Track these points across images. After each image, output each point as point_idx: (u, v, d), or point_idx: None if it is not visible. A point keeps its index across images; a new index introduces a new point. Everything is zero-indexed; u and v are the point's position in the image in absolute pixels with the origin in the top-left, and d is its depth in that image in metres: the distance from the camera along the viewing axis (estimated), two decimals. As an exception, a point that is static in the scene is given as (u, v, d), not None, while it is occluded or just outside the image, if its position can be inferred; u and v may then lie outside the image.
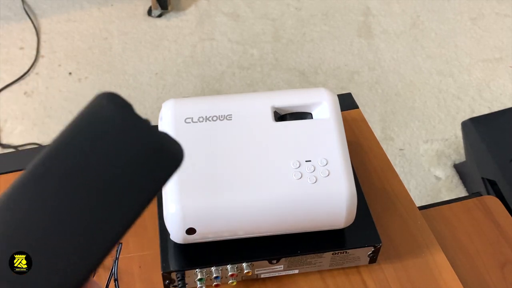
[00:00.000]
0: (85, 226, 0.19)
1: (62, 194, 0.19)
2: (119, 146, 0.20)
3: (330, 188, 0.52)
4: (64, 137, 0.19)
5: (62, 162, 0.19)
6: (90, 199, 0.19)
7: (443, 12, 1.83)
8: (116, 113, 0.20)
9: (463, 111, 1.53)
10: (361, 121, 0.71)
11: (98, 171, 0.19)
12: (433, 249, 0.59)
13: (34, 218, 0.19)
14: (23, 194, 0.20)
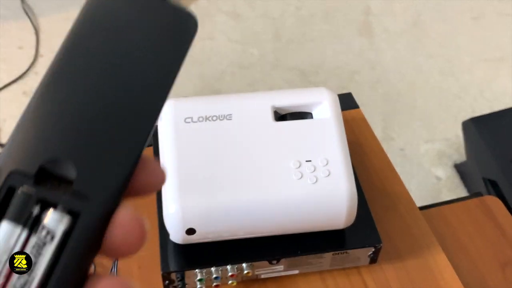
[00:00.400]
0: (120, 110, 0.19)
1: (92, 78, 0.19)
2: (137, 21, 0.19)
3: (330, 188, 0.52)
4: (79, 24, 0.19)
5: (82, 51, 0.19)
6: (125, 75, 0.19)
7: (444, 11, 1.83)
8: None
9: (464, 111, 1.52)
10: (361, 121, 0.71)
11: (120, 50, 0.19)
12: (433, 249, 0.59)
13: (67, 114, 0.18)
14: (51, 90, 0.19)
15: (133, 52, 0.19)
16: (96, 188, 0.18)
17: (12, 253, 0.17)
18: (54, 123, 0.18)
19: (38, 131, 0.18)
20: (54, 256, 0.18)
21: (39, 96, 0.19)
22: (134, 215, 0.18)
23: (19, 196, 0.18)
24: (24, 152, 0.18)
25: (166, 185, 0.53)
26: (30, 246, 0.18)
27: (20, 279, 0.17)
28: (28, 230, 0.18)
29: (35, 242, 0.18)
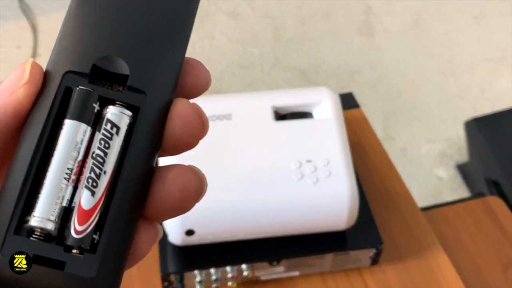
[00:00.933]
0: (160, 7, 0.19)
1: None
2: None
3: (331, 188, 0.51)
4: None
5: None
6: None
7: (445, 10, 1.82)
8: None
9: (465, 111, 1.52)
10: (362, 121, 0.70)
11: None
12: (435, 250, 0.59)
13: (111, 13, 0.19)
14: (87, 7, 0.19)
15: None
16: (151, 82, 0.18)
17: (81, 150, 0.18)
18: (100, 23, 0.18)
19: (86, 31, 0.18)
20: (122, 149, 0.18)
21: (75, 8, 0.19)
22: (191, 104, 0.19)
23: (78, 94, 0.18)
24: (75, 53, 0.18)
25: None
26: (96, 142, 0.18)
27: (93, 173, 0.17)
28: (91, 127, 0.18)
29: (102, 135, 0.18)
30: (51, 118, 0.18)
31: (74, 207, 0.17)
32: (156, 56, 0.18)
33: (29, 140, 0.17)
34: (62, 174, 0.17)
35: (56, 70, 0.18)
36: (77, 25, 0.18)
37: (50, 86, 0.18)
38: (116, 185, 0.18)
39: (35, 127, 0.17)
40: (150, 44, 0.19)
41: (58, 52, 0.18)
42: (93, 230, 0.17)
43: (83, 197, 0.17)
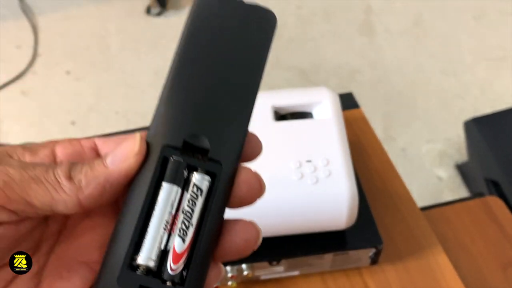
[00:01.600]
0: (233, 88, 0.25)
1: (208, 76, 0.25)
2: (232, 24, 0.26)
3: (331, 188, 0.51)
4: (190, 32, 0.25)
5: (197, 52, 0.25)
6: (230, 66, 0.25)
7: (446, 10, 1.82)
8: (216, 2, 0.26)
9: (465, 111, 1.52)
10: (362, 121, 0.70)
11: (227, 45, 0.25)
12: (435, 250, 0.59)
13: (196, 100, 0.25)
14: (178, 84, 0.25)
15: (234, 44, 0.25)
16: (225, 155, 0.24)
17: (174, 206, 0.23)
18: (189, 106, 0.24)
19: (178, 112, 0.24)
20: (203, 208, 0.24)
21: (171, 84, 0.25)
22: (254, 172, 0.25)
23: (172, 163, 0.24)
24: (170, 130, 0.24)
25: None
26: (185, 200, 0.24)
27: (183, 224, 0.23)
28: (181, 188, 0.24)
29: (190, 196, 0.24)
30: (153, 181, 0.23)
31: (169, 250, 0.23)
32: (229, 132, 0.25)
33: (137, 197, 0.23)
34: (161, 224, 0.23)
35: (156, 143, 0.24)
36: (170, 106, 0.24)
37: (152, 156, 0.24)
38: (198, 234, 0.23)
39: (142, 187, 0.23)
40: (224, 122, 0.25)
41: (157, 127, 0.24)
42: (183, 268, 0.23)
43: (176, 243, 0.23)
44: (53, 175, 0.22)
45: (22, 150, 0.24)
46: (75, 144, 0.25)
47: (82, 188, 0.22)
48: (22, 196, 0.22)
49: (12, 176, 0.22)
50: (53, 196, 0.22)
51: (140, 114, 1.52)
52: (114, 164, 0.23)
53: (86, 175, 0.23)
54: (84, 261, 0.25)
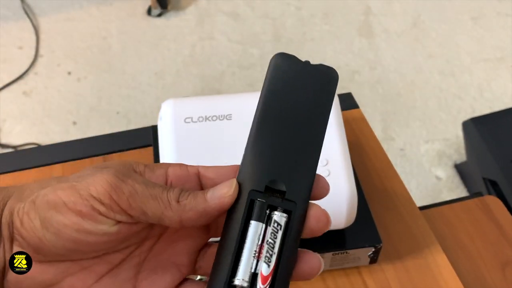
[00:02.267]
0: (304, 138, 0.31)
1: (283, 130, 0.30)
2: (301, 83, 0.31)
3: (330, 188, 0.52)
4: (267, 93, 0.31)
5: (274, 110, 0.31)
6: (301, 120, 0.31)
7: (444, 11, 1.83)
8: (288, 65, 0.31)
9: (464, 111, 1.52)
10: (361, 121, 0.71)
11: (298, 102, 0.31)
12: (433, 250, 0.59)
13: (274, 151, 0.30)
14: (260, 138, 0.30)
15: (304, 101, 0.31)
16: (298, 196, 0.30)
17: (260, 238, 0.29)
18: (268, 156, 0.30)
19: (260, 162, 0.30)
20: (282, 239, 0.29)
21: (254, 137, 0.30)
22: (322, 209, 0.31)
23: (258, 205, 0.30)
24: (255, 177, 0.30)
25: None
26: (268, 233, 0.29)
27: (268, 253, 0.29)
28: (264, 224, 0.29)
29: (272, 230, 0.29)
30: (243, 220, 0.29)
31: (258, 274, 0.29)
32: (301, 177, 0.30)
33: (232, 232, 0.29)
34: (252, 253, 0.29)
35: (244, 187, 0.30)
36: (255, 155, 0.30)
37: (242, 196, 0.30)
38: (280, 260, 0.29)
39: (235, 224, 0.29)
40: (297, 169, 0.30)
41: (245, 173, 0.30)
42: (269, 287, 0.29)
43: (263, 268, 0.29)
44: (166, 196, 0.29)
45: (144, 167, 0.31)
46: (183, 169, 0.31)
47: (185, 211, 0.29)
48: (141, 206, 0.28)
49: (137, 190, 0.28)
50: (163, 212, 0.28)
51: (141, 114, 1.52)
52: (212, 199, 0.29)
53: (190, 202, 0.29)
54: (175, 263, 0.31)
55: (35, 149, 0.93)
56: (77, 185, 0.28)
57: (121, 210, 0.28)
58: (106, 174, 0.28)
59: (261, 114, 0.31)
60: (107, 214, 0.28)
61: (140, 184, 0.28)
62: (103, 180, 0.28)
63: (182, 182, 0.31)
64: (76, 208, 0.27)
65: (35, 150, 0.82)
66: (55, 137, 1.47)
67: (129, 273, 0.31)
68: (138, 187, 0.28)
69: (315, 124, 0.31)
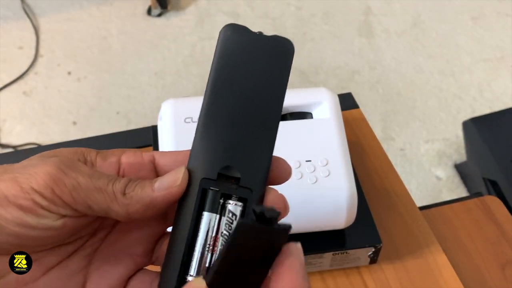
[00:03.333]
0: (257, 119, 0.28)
1: (236, 110, 0.28)
2: (253, 56, 0.28)
3: (330, 188, 0.52)
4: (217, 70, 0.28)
5: (224, 89, 0.28)
6: (254, 98, 0.28)
7: (444, 11, 1.83)
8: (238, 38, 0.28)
9: (464, 111, 1.52)
10: (361, 121, 0.71)
11: (250, 78, 0.28)
12: (433, 249, 0.59)
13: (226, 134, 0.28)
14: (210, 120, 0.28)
15: (257, 77, 0.28)
16: (254, 182, 0.28)
17: (214, 230, 0.28)
18: (220, 141, 0.28)
19: (211, 148, 0.28)
20: None
21: (203, 120, 0.28)
22: (279, 194, 0.29)
23: (211, 194, 0.28)
24: (207, 165, 0.28)
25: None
26: (223, 224, 0.28)
27: (223, 244, 0.27)
28: (218, 215, 0.28)
29: (226, 221, 0.28)
30: (195, 210, 0.28)
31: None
32: (256, 161, 0.28)
33: (184, 224, 0.28)
34: (205, 247, 0.27)
35: (195, 175, 0.28)
36: (205, 141, 0.28)
37: (193, 187, 0.28)
38: None
39: (187, 215, 0.28)
40: (251, 152, 0.28)
41: (195, 161, 0.28)
42: None
43: None
44: (111, 188, 0.27)
45: (96, 155, 0.29)
46: (138, 156, 0.30)
47: (131, 204, 0.27)
48: (85, 200, 0.27)
49: (80, 182, 0.27)
50: (109, 205, 0.27)
51: (141, 114, 1.52)
52: (159, 190, 0.27)
53: (136, 194, 0.27)
54: (129, 253, 0.30)
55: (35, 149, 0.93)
56: (19, 177, 0.26)
57: (64, 204, 0.27)
58: (49, 165, 0.27)
59: (211, 94, 0.28)
60: (49, 208, 0.26)
61: (83, 176, 0.27)
62: (45, 172, 0.26)
63: (135, 170, 0.29)
64: (17, 201, 0.26)
65: (35, 150, 0.82)
66: (55, 137, 1.47)
67: (80, 264, 0.30)
68: (82, 179, 0.27)
69: (270, 102, 0.28)
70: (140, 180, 0.28)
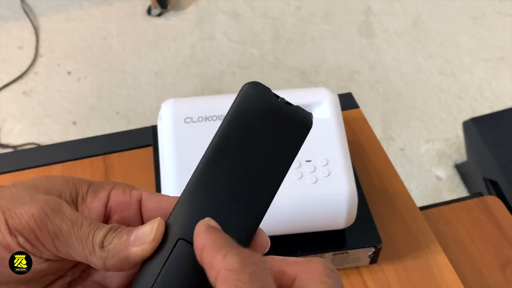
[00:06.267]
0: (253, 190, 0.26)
1: (234, 174, 0.26)
2: (268, 123, 0.27)
3: (330, 188, 0.52)
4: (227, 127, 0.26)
5: (229, 150, 0.26)
6: (256, 168, 0.26)
7: (444, 11, 1.83)
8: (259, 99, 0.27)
9: (464, 111, 1.52)
10: (361, 121, 0.71)
11: (259, 145, 0.26)
12: (434, 250, 0.59)
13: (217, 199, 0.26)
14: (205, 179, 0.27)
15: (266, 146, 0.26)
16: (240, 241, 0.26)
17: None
18: (208, 206, 0.26)
19: (197, 211, 0.26)
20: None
21: (197, 178, 0.27)
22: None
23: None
24: (187, 226, 0.26)
25: (165, 184, 0.53)
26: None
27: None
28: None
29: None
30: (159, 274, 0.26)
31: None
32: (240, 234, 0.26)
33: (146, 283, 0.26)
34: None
35: (173, 233, 0.26)
36: (193, 201, 0.26)
37: (168, 244, 0.26)
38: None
39: (151, 273, 0.26)
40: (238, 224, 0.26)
41: (177, 216, 0.27)
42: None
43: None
44: (91, 240, 0.27)
45: (87, 188, 0.29)
46: (126, 194, 0.30)
47: (108, 258, 0.27)
48: (66, 249, 0.27)
49: (63, 230, 0.27)
50: (87, 257, 0.27)
51: (141, 114, 1.52)
52: (134, 244, 0.27)
53: (114, 248, 0.27)
54: (105, 286, 0.30)
55: (35, 149, 0.93)
56: (6, 213, 0.26)
57: (46, 249, 0.27)
58: (35, 206, 0.27)
59: (213, 150, 0.27)
60: (33, 252, 0.27)
61: (67, 223, 0.27)
62: (29, 215, 0.26)
63: (121, 209, 0.30)
64: (4, 241, 0.26)
65: (35, 150, 0.82)
66: (55, 137, 1.46)
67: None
68: (65, 226, 0.27)
69: (270, 176, 0.27)
70: (120, 229, 0.28)
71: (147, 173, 0.62)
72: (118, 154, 0.67)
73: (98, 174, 0.65)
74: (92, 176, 0.64)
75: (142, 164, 0.65)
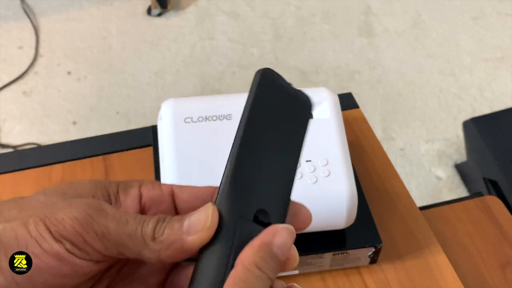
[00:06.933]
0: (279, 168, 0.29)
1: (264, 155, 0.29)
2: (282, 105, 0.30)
3: (330, 188, 0.52)
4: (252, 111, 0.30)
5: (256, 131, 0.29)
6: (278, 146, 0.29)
7: (444, 11, 1.83)
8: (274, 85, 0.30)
9: (464, 111, 1.52)
10: (361, 121, 0.71)
11: (278, 125, 0.30)
12: (434, 250, 0.59)
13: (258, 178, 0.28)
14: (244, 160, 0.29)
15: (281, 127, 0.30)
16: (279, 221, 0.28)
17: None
18: (253, 184, 0.28)
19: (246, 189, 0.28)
20: None
21: (234, 165, 0.28)
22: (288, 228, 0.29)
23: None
24: (243, 207, 0.28)
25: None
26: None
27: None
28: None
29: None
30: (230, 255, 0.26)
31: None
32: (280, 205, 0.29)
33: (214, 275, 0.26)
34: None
35: (229, 217, 0.27)
36: (236, 184, 0.28)
37: (225, 227, 0.27)
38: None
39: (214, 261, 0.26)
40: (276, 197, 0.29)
41: (226, 201, 0.27)
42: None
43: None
44: (141, 233, 0.26)
45: (117, 188, 0.29)
46: (157, 188, 0.30)
47: (162, 249, 0.26)
48: (116, 247, 0.26)
49: (110, 229, 0.26)
50: (140, 252, 0.26)
51: (141, 114, 1.52)
52: (189, 233, 0.26)
53: (167, 238, 0.26)
54: (144, 284, 0.30)
55: (35, 149, 0.93)
56: (46, 221, 0.25)
57: (96, 251, 0.26)
58: (75, 209, 0.26)
59: (245, 134, 0.29)
60: (83, 257, 0.26)
61: (112, 222, 0.26)
62: (72, 219, 0.25)
63: (155, 204, 0.29)
64: (52, 249, 0.25)
65: (35, 150, 0.82)
66: (55, 137, 1.47)
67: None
68: (111, 225, 0.26)
69: (294, 152, 0.30)
70: (168, 218, 0.27)
71: (147, 173, 0.62)
72: (118, 154, 0.67)
73: (98, 174, 0.65)
74: (92, 176, 0.64)
75: (142, 164, 0.65)
